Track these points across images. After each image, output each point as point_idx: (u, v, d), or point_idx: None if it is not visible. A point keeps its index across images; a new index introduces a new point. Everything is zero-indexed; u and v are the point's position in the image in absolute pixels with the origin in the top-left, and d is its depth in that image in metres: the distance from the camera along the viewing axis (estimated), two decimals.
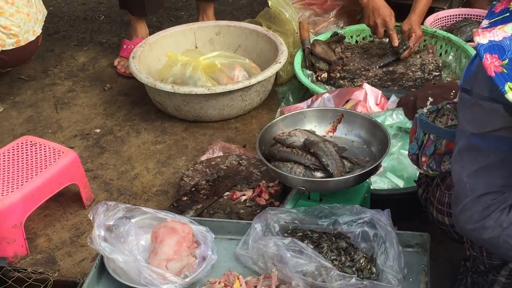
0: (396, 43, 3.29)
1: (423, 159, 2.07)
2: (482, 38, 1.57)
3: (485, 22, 1.66)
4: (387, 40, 3.37)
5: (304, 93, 3.28)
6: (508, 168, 1.71)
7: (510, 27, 1.57)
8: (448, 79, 3.28)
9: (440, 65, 3.33)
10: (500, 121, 1.68)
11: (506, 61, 1.52)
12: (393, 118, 2.69)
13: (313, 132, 2.39)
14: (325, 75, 3.30)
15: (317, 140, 2.30)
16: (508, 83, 1.49)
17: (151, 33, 3.72)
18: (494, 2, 1.68)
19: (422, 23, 3.51)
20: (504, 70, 1.51)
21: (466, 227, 1.78)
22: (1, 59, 3.27)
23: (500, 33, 1.56)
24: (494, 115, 1.68)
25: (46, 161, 2.61)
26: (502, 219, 1.71)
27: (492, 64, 1.52)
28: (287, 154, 2.27)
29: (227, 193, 2.63)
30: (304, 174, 2.22)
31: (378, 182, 2.55)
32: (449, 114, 2.05)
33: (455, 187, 1.81)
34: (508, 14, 1.63)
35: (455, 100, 2.04)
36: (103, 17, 4.42)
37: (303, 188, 2.20)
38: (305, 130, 2.39)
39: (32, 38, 3.28)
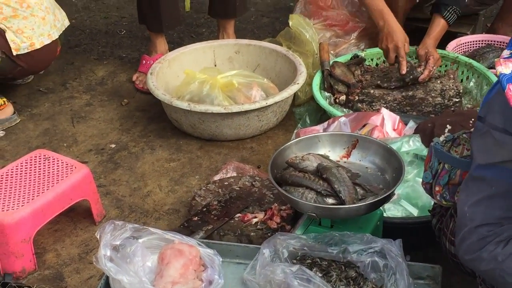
0: (403, 71, 3.24)
1: (437, 188, 2.03)
2: (505, 68, 1.54)
3: (506, 52, 1.63)
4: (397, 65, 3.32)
5: (322, 115, 3.24)
6: (510, 201, 1.68)
7: None
8: (469, 106, 3.23)
9: (461, 91, 3.28)
10: (510, 154, 1.65)
11: None
12: (410, 145, 2.64)
13: (326, 157, 2.35)
14: (343, 97, 3.27)
15: (330, 166, 2.26)
16: None
17: (171, 49, 3.71)
18: None
19: (444, 48, 3.48)
20: None
21: (465, 257, 1.77)
22: (20, 67, 3.29)
23: None
24: (504, 146, 1.66)
25: (58, 176, 2.60)
26: (497, 252, 1.68)
27: None
28: (299, 178, 2.23)
29: (239, 214, 2.60)
30: (316, 200, 2.18)
31: (391, 210, 2.51)
32: (465, 144, 2.01)
33: (458, 216, 1.79)
34: None
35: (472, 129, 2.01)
36: (124, 31, 4.43)
37: (314, 215, 2.16)
38: (318, 154, 2.35)
39: (47, 41, 3.28)
